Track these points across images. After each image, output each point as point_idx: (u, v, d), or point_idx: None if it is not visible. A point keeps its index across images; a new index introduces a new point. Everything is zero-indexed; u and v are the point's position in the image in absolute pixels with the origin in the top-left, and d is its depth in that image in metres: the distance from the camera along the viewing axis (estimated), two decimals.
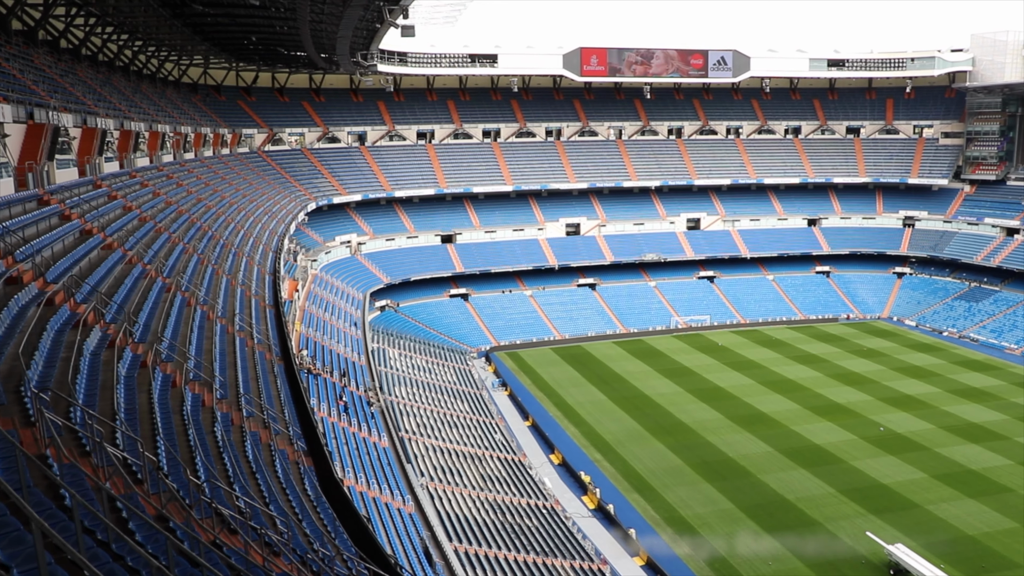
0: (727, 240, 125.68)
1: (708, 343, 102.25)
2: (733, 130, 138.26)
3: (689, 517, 54.74)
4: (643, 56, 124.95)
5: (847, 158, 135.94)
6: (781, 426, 72.99)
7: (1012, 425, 75.06)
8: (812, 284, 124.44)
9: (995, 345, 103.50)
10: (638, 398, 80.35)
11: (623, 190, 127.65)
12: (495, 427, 70.03)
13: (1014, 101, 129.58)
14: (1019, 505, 58.20)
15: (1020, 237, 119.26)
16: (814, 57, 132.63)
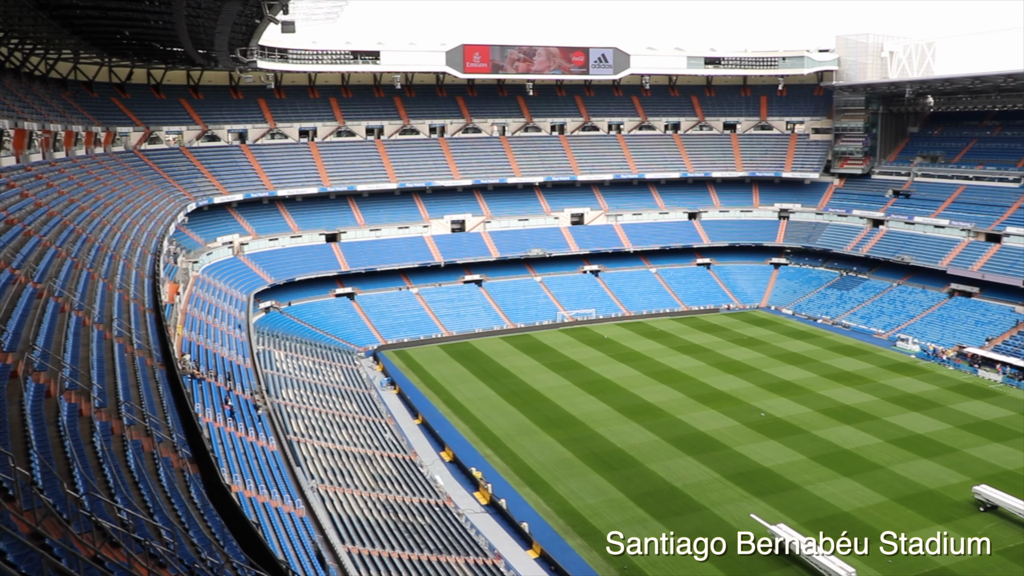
0: (610, 234, 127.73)
1: (594, 336, 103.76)
2: (615, 126, 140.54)
3: (580, 508, 55.49)
4: (526, 53, 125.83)
5: (725, 153, 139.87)
6: (667, 415, 74.65)
7: (881, 406, 78.76)
8: (693, 276, 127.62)
9: (865, 331, 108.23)
10: (527, 392, 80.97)
11: (508, 186, 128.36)
12: (385, 426, 69.55)
13: (876, 99, 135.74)
14: (888, 480, 61.23)
15: (885, 228, 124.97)
16: (692, 55, 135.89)
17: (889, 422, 74.40)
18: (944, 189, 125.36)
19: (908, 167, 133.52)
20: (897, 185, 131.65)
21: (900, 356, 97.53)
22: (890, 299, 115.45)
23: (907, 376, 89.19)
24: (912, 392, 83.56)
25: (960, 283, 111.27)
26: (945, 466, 64.43)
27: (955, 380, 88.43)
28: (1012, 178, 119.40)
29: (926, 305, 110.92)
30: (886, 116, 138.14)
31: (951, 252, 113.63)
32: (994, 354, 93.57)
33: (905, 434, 71.32)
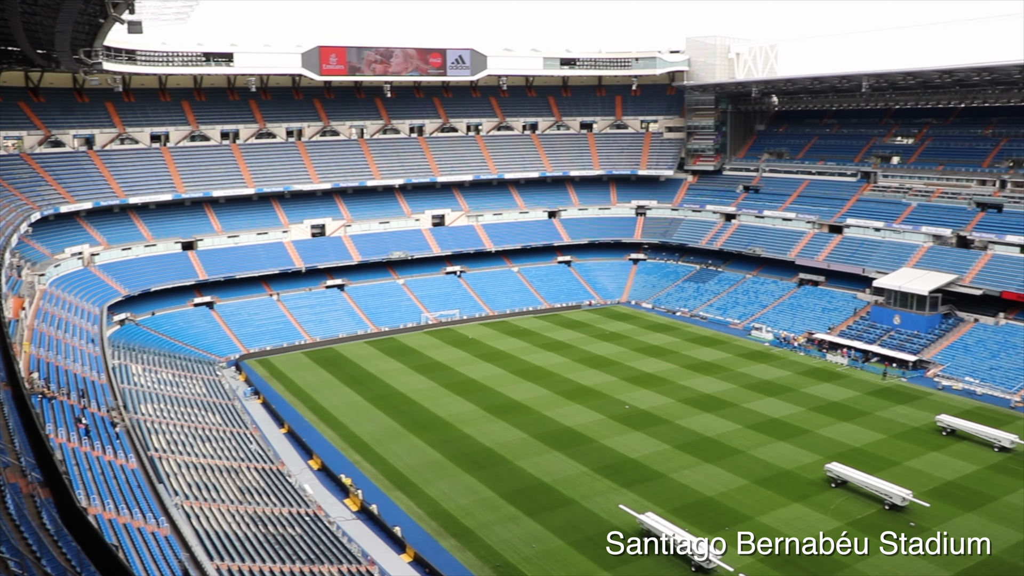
0: (472, 235, 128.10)
1: (459, 337, 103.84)
2: (473, 127, 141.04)
3: (452, 509, 55.40)
4: (382, 55, 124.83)
5: (582, 152, 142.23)
6: (534, 412, 75.38)
7: (739, 393, 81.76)
8: (555, 274, 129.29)
9: (721, 321, 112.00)
10: (393, 396, 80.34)
11: (367, 189, 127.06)
12: (250, 437, 67.77)
13: (725, 99, 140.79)
14: (748, 464, 63.66)
15: (737, 222, 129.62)
16: (548, 56, 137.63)
17: (747, 408, 77.30)
18: (790, 184, 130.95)
19: (757, 163, 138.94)
20: (747, 181, 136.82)
21: (755, 344, 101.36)
22: (744, 290, 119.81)
23: (762, 363, 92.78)
24: (767, 378, 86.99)
25: (807, 273, 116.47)
26: (799, 447, 67.41)
27: (806, 365, 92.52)
28: (850, 172, 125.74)
29: (777, 295, 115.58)
30: (735, 115, 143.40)
31: (798, 243, 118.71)
32: (840, 339, 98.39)
33: (762, 419, 74.23)
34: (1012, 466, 64.14)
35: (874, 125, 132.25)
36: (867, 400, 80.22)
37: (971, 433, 69.51)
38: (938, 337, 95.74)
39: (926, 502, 56.42)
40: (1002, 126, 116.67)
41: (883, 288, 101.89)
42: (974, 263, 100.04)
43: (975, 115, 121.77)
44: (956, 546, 50.08)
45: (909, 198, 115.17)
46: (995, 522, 54.48)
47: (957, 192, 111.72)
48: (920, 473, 62.35)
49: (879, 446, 67.94)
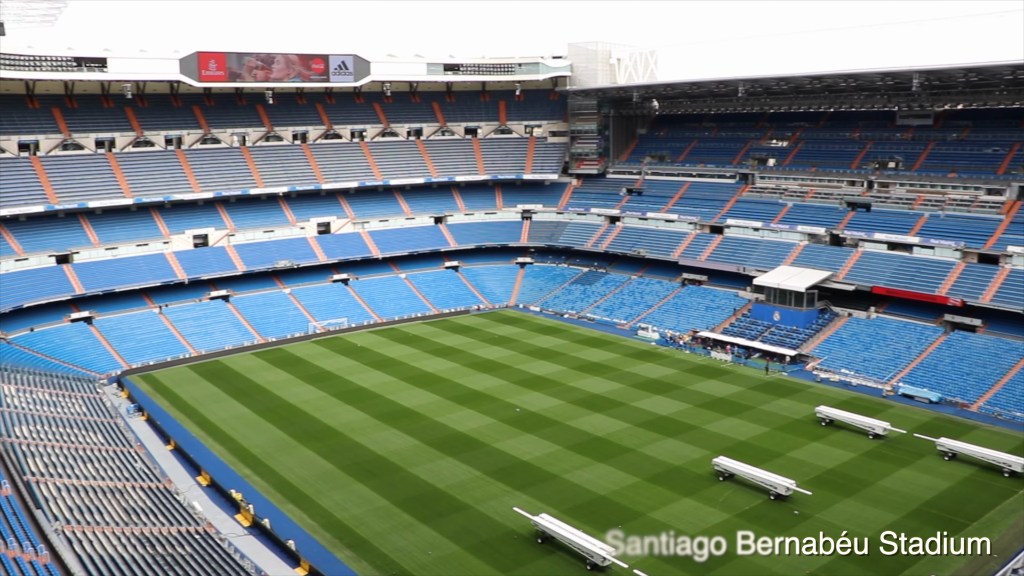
0: (358, 242, 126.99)
1: (348, 345, 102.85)
2: (358, 133, 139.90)
3: (346, 519, 54.83)
4: (264, 61, 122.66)
5: (467, 158, 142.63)
6: (425, 418, 75.24)
7: (627, 392, 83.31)
8: (443, 279, 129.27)
9: (608, 322, 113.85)
10: (283, 407, 79.04)
11: (251, 198, 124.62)
12: (135, 456, 65.68)
13: (607, 103, 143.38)
14: (638, 462, 64.96)
15: (621, 224, 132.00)
16: (431, 62, 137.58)
17: (636, 407, 78.82)
18: (672, 186, 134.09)
19: (639, 166, 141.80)
20: (630, 183, 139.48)
21: (642, 344, 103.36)
22: (630, 291, 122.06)
23: (649, 362, 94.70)
24: (654, 377, 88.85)
25: (691, 272, 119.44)
26: (688, 443, 69.11)
27: (691, 363, 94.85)
28: (729, 175, 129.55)
29: (662, 295, 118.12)
30: (617, 119, 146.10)
31: (681, 244, 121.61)
32: (723, 336, 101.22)
33: (651, 417, 75.81)
34: (885, 452, 67.25)
35: (751, 128, 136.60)
36: (751, 395, 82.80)
37: (848, 422, 72.62)
38: (815, 332, 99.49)
39: (808, 490, 58.68)
40: (868, 130, 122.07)
41: (763, 286, 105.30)
42: (846, 260, 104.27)
43: (843, 119, 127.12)
44: (836, 531, 52.57)
45: (785, 199, 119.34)
46: (871, 505, 57.08)
47: (829, 192, 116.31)
48: (802, 463, 64.75)
49: (763, 439, 70.27)
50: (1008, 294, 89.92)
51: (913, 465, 64.54)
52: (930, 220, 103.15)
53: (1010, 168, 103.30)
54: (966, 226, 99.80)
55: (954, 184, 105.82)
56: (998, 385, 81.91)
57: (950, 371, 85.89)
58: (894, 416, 75.24)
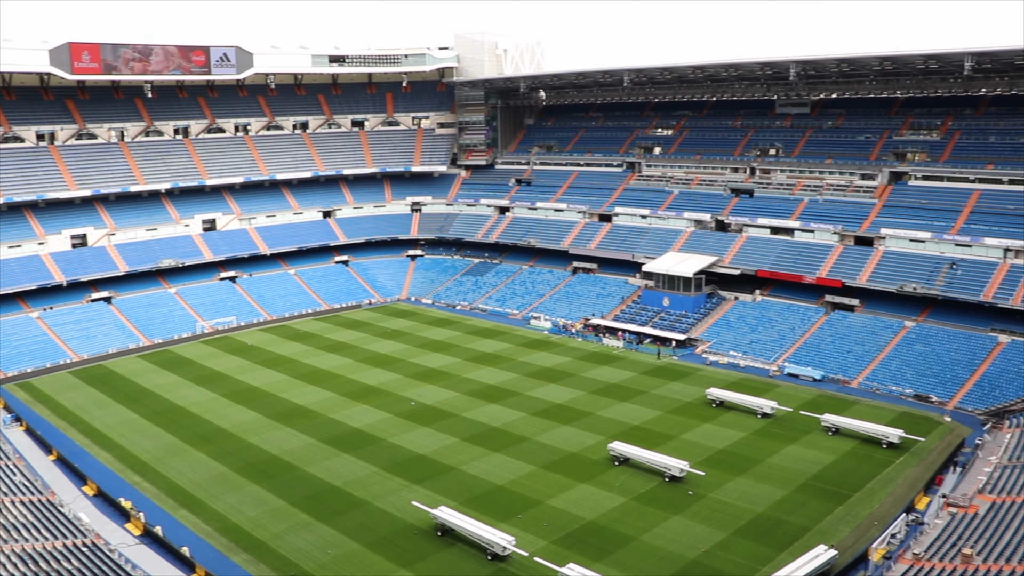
0: (245, 238, 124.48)
1: (237, 344, 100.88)
2: (242, 127, 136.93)
3: (242, 522, 53.89)
4: (141, 52, 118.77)
5: (355, 150, 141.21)
6: (320, 416, 74.46)
7: (522, 382, 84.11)
8: (333, 274, 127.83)
9: (501, 312, 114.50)
10: (172, 411, 77.02)
11: (131, 195, 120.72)
12: (13, 468, 63.02)
13: (494, 94, 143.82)
14: (535, 450, 65.79)
15: (511, 214, 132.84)
16: (316, 53, 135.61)
17: (530, 396, 79.63)
18: (560, 175, 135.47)
19: (527, 156, 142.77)
20: (519, 174, 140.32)
21: (534, 333, 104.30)
22: (521, 281, 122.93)
23: (542, 351, 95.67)
24: (548, 365, 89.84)
25: (581, 261, 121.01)
26: (583, 429, 70.22)
27: (584, 350, 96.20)
28: (616, 163, 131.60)
29: (553, 284, 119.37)
30: (505, 109, 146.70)
31: (571, 233, 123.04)
32: (615, 323, 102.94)
33: (546, 405, 76.71)
34: (773, 430, 69.73)
35: (636, 118, 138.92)
36: (643, 379, 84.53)
37: (737, 403, 75.06)
38: (704, 316, 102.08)
39: (702, 471, 60.51)
40: (749, 118, 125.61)
41: (652, 272, 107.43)
42: (732, 245, 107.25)
43: (726, 108, 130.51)
44: (729, 508, 54.40)
45: (671, 186, 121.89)
46: (762, 482, 59.16)
47: (714, 180, 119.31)
48: (695, 444, 66.61)
49: (657, 422, 71.91)
50: (883, 274, 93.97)
51: (800, 441, 67.15)
52: (809, 205, 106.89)
53: (881, 154, 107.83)
54: (843, 210, 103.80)
55: (831, 170, 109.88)
56: (875, 361, 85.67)
57: (832, 350, 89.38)
58: (781, 395, 78.04)
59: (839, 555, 47.67)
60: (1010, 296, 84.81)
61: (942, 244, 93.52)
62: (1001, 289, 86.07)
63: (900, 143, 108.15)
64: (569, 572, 44.85)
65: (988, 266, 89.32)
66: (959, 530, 49.61)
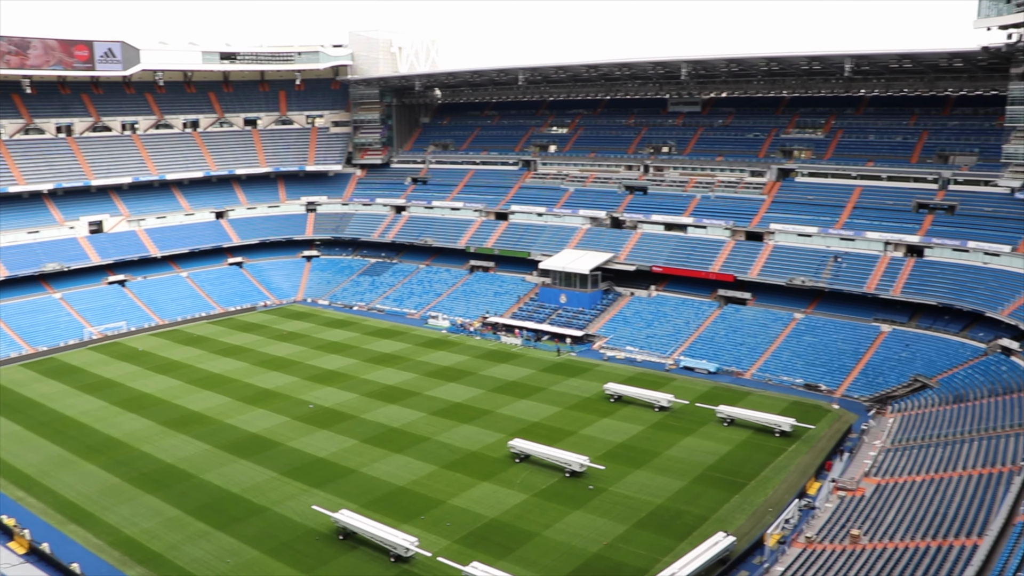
0: (134, 241, 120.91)
1: (128, 350, 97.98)
2: (129, 125, 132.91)
3: (136, 535, 52.35)
4: (18, 46, 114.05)
5: (247, 149, 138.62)
6: (215, 422, 72.95)
7: (421, 381, 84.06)
8: (227, 276, 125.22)
9: (399, 312, 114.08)
10: (58, 421, 74.28)
11: (11, 196, 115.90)
12: None
13: (389, 92, 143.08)
14: (436, 450, 65.90)
15: (407, 214, 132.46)
16: (207, 50, 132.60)
17: (430, 395, 79.64)
18: (456, 174, 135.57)
19: (423, 155, 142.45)
20: (415, 173, 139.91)
21: (433, 333, 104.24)
22: (419, 280, 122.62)
23: (441, 350, 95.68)
24: (447, 364, 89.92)
25: (478, 259, 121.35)
26: (483, 428, 70.59)
27: (483, 348, 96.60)
28: (512, 162, 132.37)
29: (451, 282, 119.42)
30: (400, 108, 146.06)
31: (468, 231, 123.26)
32: (513, 321, 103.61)
33: (446, 404, 76.82)
34: (671, 423, 71.38)
35: (532, 116, 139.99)
36: (542, 376, 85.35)
37: (635, 397, 76.49)
38: (601, 312, 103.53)
39: (601, 465, 61.51)
40: (642, 116, 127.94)
41: (548, 270, 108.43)
42: (627, 241, 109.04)
43: (619, 106, 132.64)
44: (629, 501, 55.42)
45: (567, 184, 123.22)
46: (660, 474, 60.53)
47: (608, 177, 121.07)
48: (594, 439, 67.62)
49: (556, 418, 72.75)
50: (772, 268, 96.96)
51: (696, 433, 68.92)
52: (702, 201, 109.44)
53: (769, 152, 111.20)
54: (734, 206, 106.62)
55: (722, 167, 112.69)
56: (767, 353, 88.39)
57: (725, 342, 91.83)
58: (677, 388, 79.87)
59: (736, 541, 49.05)
60: (891, 287, 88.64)
61: (828, 238, 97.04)
62: (882, 281, 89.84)
63: (787, 141, 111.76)
64: (473, 571, 45.06)
65: (870, 259, 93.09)
66: (848, 512, 51.91)
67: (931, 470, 56.11)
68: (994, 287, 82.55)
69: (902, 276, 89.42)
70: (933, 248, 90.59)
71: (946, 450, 59.13)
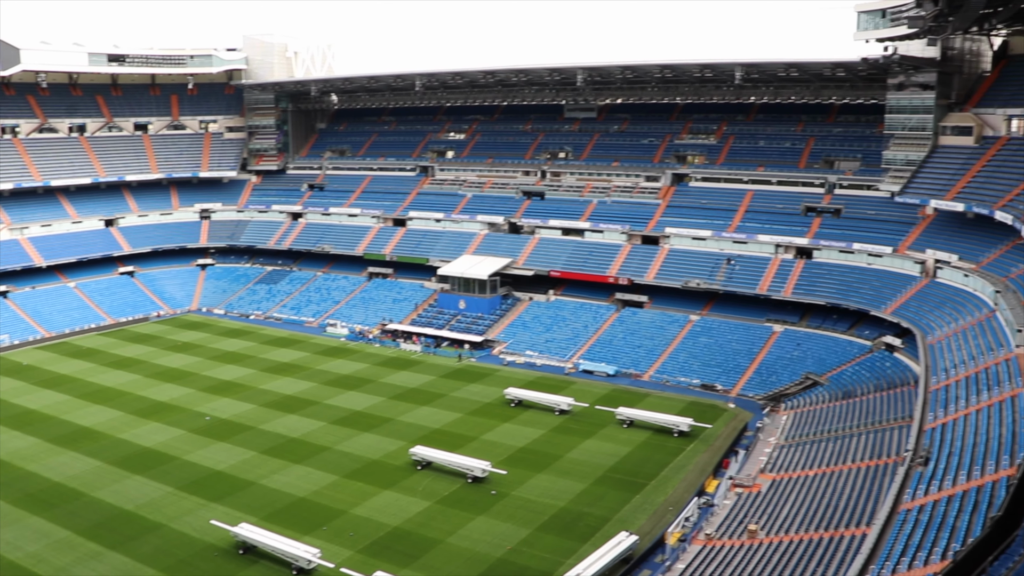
0: (17, 250, 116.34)
1: (12, 364, 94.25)
2: (10, 129, 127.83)
3: (20, 559, 50.25)
4: None
5: (138, 155, 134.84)
6: (107, 437, 70.81)
7: (321, 390, 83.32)
8: (118, 286, 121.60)
9: (296, 321, 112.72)
10: None
11: None
12: None
13: (285, 98, 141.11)
14: (336, 460, 65.42)
15: (304, 220, 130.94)
16: (93, 52, 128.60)
17: (329, 404, 78.95)
18: (354, 180, 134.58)
19: (320, 161, 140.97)
20: (311, 179, 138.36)
21: (331, 341, 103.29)
22: (316, 288, 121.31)
23: (340, 359, 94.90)
24: (346, 373, 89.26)
25: (377, 266, 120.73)
26: (384, 436, 70.35)
27: (382, 356, 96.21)
28: (409, 168, 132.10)
29: (349, 290, 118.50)
30: (296, 113, 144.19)
31: (366, 238, 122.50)
32: (412, 327, 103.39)
33: (346, 413, 76.28)
34: (571, 426, 72.40)
35: (429, 122, 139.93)
36: (442, 383, 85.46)
37: (535, 401, 77.30)
38: (500, 317, 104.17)
39: (503, 470, 62.00)
40: (539, 122, 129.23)
41: (447, 276, 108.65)
42: (525, 246, 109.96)
43: (517, 112, 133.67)
44: (532, 504, 55.91)
45: (464, 189, 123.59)
46: (562, 477, 61.38)
47: (506, 183, 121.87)
48: (496, 444, 68.10)
49: (457, 424, 73.01)
50: (668, 271, 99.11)
51: (596, 435, 70.03)
52: (598, 206, 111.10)
53: (664, 157, 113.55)
54: (630, 211, 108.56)
55: (618, 172, 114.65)
56: (664, 355, 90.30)
57: (623, 345, 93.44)
58: (577, 391, 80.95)
59: (639, 540, 50.01)
60: (782, 288, 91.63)
61: (721, 241, 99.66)
62: (774, 282, 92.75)
63: (681, 147, 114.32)
64: None
65: (762, 261, 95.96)
66: (745, 508, 53.60)
67: (823, 464, 58.31)
68: (878, 287, 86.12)
69: (792, 277, 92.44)
70: (821, 250, 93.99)
71: (836, 444, 61.51)
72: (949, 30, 75.32)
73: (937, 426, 48.95)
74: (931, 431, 48.68)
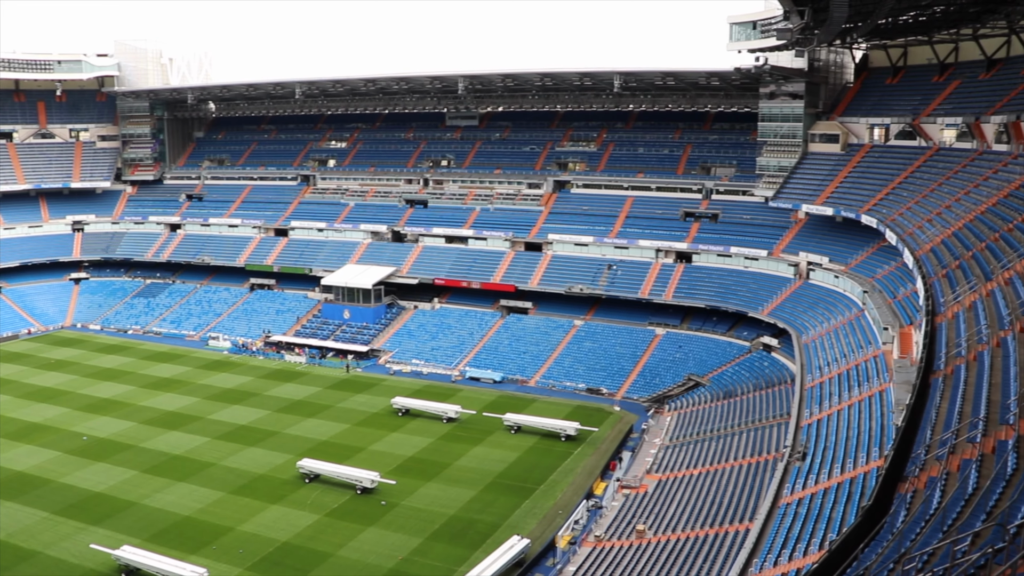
0: None
1: None
2: None
3: None
4: None
5: (3, 165, 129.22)
6: None
7: (204, 405, 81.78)
8: None
9: (177, 334, 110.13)
10: None
11: None
12: None
13: (161, 105, 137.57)
14: (222, 476, 64.37)
15: (183, 231, 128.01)
16: None
17: (213, 419, 77.54)
18: (234, 190, 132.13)
19: (198, 171, 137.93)
20: (189, 189, 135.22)
21: (214, 354, 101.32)
22: (197, 300, 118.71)
23: (223, 372, 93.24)
24: (230, 386, 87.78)
25: (259, 277, 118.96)
26: (271, 449, 69.54)
27: (266, 368, 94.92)
28: (291, 176, 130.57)
29: (231, 302, 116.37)
30: (172, 122, 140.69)
31: (247, 249, 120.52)
32: (296, 339, 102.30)
33: (230, 427, 75.07)
34: (459, 433, 73.00)
35: (310, 130, 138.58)
36: (328, 394, 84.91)
37: (423, 410, 77.65)
38: (385, 326, 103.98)
39: (393, 480, 62.11)
40: (421, 130, 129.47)
41: (331, 285, 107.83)
42: (409, 255, 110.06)
43: (398, 120, 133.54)
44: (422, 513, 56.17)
45: (347, 198, 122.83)
46: (452, 485, 61.92)
47: (389, 191, 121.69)
48: (384, 454, 68.13)
49: (345, 436, 72.74)
50: (552, 277, 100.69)
51: (485, 442, 70.81)
52: (482, 214, 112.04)
53: (545, 164, 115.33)
54: (513, 218, 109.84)
55: (500, 180, 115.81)
56: (550, 360, 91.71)
57: (509, 351, 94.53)
58: (464, 399, 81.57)
59: (531, 544, 50.83)
60: (663, 292, 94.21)
61: (603, 247, 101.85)
62: (655, 287, 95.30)
63: (562, 154, 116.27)
64: None
65: (643, 266, 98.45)
66: (633, 509, 55.14)
67: (706, 463, 60.38)
68: (754, 289, 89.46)
69: (673, 281, 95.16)
70: (700, 254, 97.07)
71: (719, 443, 63.74)
72: (815, 42, 79.00)
73: (813, 422, 51.39)
74: (807, 427, 51.08)
